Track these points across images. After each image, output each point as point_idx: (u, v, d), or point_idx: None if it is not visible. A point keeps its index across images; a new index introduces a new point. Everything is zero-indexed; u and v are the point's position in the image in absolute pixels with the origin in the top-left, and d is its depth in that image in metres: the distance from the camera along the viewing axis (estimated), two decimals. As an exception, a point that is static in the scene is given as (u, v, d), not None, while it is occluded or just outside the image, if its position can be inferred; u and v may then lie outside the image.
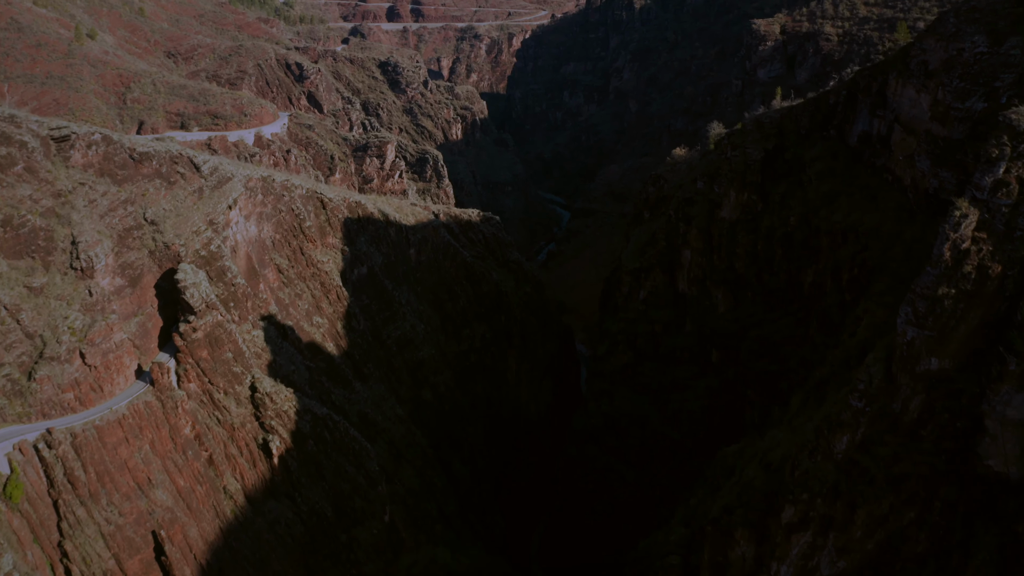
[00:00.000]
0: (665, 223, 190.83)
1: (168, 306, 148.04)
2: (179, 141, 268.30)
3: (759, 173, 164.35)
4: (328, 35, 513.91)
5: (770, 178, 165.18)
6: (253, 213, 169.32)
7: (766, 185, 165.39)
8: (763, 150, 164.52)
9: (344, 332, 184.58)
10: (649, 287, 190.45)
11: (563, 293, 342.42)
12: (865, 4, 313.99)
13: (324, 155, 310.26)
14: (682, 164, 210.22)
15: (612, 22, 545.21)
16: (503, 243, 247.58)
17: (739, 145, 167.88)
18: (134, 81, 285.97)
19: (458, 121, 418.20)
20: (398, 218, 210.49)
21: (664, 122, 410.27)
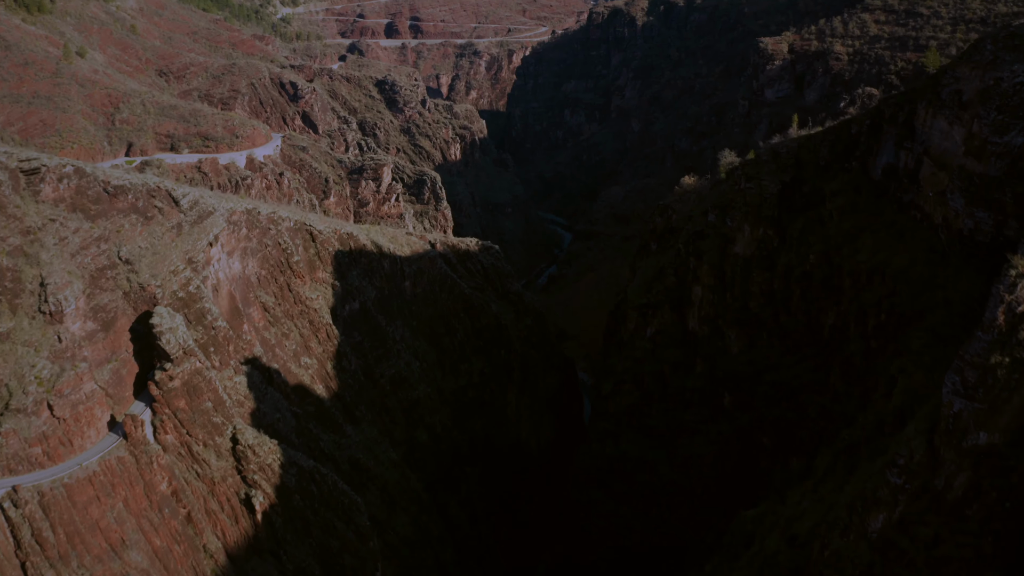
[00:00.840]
0: (674, 257, 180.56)
1: (144, 351, 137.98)
2: (169, 164, 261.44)
3: (775, 207, 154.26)
4: (325, 52, 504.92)
5: (787, 212, 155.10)
6: (237, 248, 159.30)
7: (783, 220, 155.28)
8: (780, 182, 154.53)
9: (334, 373, 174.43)
10: (657, 324, 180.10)
11: (565, 319, 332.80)
12: (876, 22, 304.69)
13: (318, 178, 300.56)
14: (691, 194, 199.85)
15: (614, 39, 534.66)
16: (503, 273, 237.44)
17: (754, 176, 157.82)
18: (123, 101, 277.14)
19: (457, 141, 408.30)
20: (392, 249, 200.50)
21: (668, 142, 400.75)
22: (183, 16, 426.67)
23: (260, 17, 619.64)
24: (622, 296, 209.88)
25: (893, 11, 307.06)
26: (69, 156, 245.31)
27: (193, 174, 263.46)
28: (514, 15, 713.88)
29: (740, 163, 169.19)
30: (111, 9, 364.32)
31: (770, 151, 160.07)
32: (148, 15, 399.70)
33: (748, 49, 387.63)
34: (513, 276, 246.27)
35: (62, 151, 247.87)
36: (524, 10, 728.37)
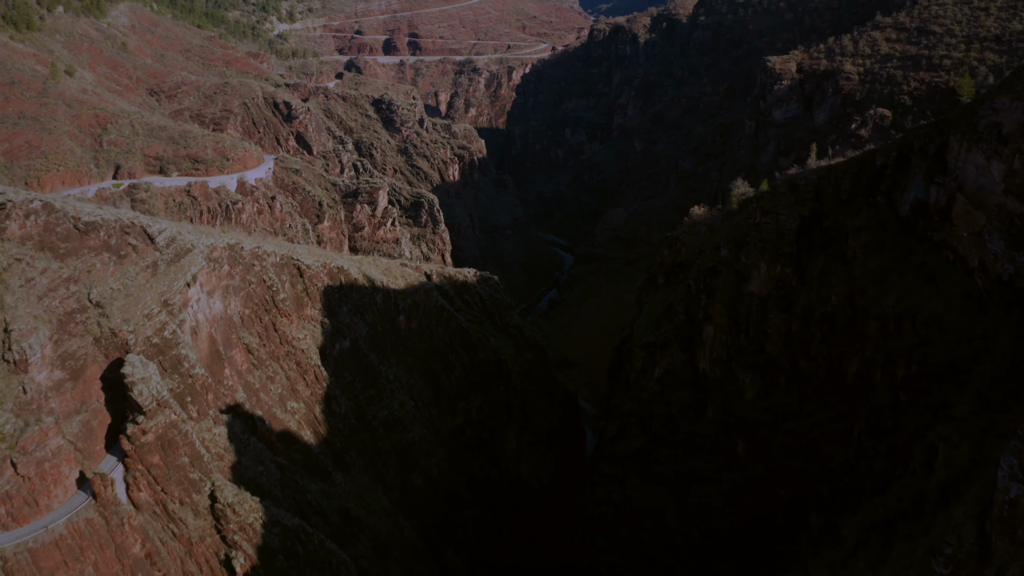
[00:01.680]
0: (684, 294, 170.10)
1: (117, 400, 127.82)
2: (157, 187, 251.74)
3: (794, 243, 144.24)
4: (321, 70, 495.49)
5: (806, 249, 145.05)
6: (218, 287, 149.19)
7: (802, 257, 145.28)
8: (798, 216, 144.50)
9: (323, 417, 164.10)
10: (665, 365, 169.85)
11: (566, 346, 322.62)
12: (887, 41, 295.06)
13: (312, 202, 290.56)
14: (701, 225, 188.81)
15: (615, 57, 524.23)
16: (502, 305, 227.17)
17: (770, 210, 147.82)
18: (111, 122, 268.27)
19: (455, 161, 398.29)
20: (386, 282, 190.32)
21: (671, 162, 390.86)
22: (176, 33, 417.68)
23: (256, 34, 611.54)
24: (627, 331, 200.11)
25: (904, 29, 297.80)
26: (55, 179, 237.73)
27: (182, 198, 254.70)
28: (514, 32, 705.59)
29: (755, 195, 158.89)
30: (102, 26, 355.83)
31: (787, 183, 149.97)
32: (140, 32, 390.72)
33: (753, 67, 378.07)
34: (512, 308, 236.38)
35: (47, 173, 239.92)
36: (524, 26, 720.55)
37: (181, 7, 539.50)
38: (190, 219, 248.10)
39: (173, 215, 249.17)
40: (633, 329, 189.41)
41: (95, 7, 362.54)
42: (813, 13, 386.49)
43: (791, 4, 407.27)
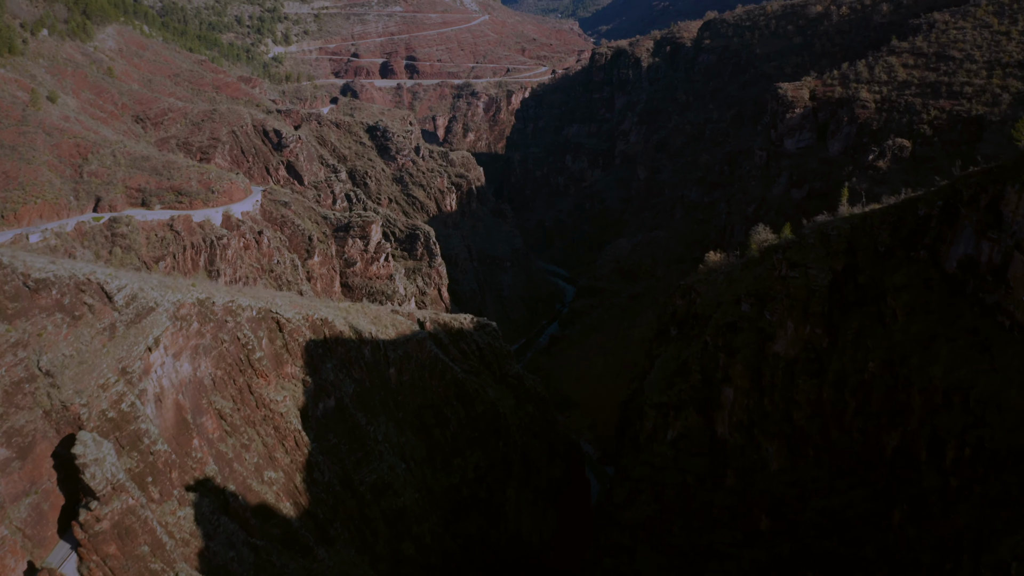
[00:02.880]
0: (700, 350, 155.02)
1: (71, 479, 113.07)
2: (139, 221, 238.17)
3: (826, 301, 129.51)
4: (316, 94, 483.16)
5: (839, 308, 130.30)
6: (186, 348, 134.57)
7: (834, 316, 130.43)
8: (830, 271, 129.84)
9: (304, 487, 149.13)
10: (679, 428, 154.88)
11: (568, 385, 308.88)
12: (904, 67, 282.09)
13: (301, 236, 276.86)
14: (718, 273, 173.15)
15: (617, 81, 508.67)
16: (501, 354, 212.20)
17: (798, 263, 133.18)
18: (92, 151, 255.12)
19: (453, 191, 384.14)
20: (375, 332, 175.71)
21: (676, 191, 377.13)
22: (165, 57, 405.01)
23: (251, 56, 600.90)
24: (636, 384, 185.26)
25: (922, 54, 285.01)
26: (32, 212, 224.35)
27: (165, 232, 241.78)
28: (513, 55, 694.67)
29: (780, 244, 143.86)
30: (88, 50, 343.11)
31: (817, 232, 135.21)
32: (128, 56, 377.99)
33: (761, 93, 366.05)
34: (512, 356, 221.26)
35: (24, 206, 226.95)
36: (523, 49, 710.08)
37: (174, 30, 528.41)
38: (172, 255, 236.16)
39: (155, 250, 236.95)
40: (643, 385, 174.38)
41: (81, 30, 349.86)
42: (823, 37, 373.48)
43: (799, 27, 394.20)
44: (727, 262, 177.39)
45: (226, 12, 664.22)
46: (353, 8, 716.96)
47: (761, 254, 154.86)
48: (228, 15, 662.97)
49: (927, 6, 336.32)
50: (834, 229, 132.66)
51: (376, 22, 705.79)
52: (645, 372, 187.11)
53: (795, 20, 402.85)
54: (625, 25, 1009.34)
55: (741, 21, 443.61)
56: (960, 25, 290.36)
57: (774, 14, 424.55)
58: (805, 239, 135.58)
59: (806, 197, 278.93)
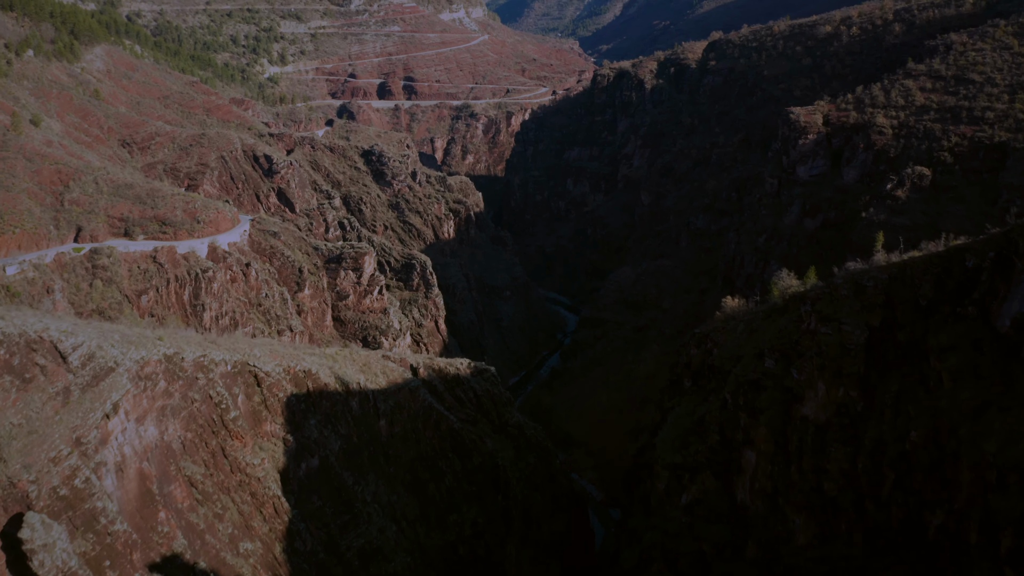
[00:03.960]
0: (719, 408, 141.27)
1: (21, 560, 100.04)
2: (121, 252, 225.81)
3: (862, 362, 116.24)
4: (311, 116, 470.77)
5: (876, 368, 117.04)
6: (151, 410, 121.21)
7: (871, 377, 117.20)
8: (866, 327, 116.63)
9: (284, 557, 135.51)
10: (695, 492, 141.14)
11: (570, 421, 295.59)
12: (922, 90, 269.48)
13: (291, 268, 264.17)
14: (737, 322, 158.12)
15: (620, 104, 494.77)
16: (500, 401, 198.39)
17: (830, 317, 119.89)
18: (74, 178, 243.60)
19: (450, 217, 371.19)
20: (363, 382, 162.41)
21: (682, 218, 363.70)
22: (155, 79, 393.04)
23: (246, 77, 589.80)
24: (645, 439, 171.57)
25: (940, 77, 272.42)
26: (10, 242, 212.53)
27: (147, 265, 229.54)
28: (513, 75, 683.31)
29: (809, 294, 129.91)
30: (75, 71, 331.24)
31: (850, 282, 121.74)
32: (116, 78, 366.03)
33: (770, 116, 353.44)
34: (512, 404, 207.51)
35: (2, 236, 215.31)
36: (523, 69, 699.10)
37: (167, 50, 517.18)
38: (156, 288, 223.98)
39: (138, 284, 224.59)
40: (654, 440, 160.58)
41: (68, 51, 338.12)
42: (833, 58, 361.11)
43: (808, 48, 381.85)
44: (746, 309, 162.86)
45: (221, 32, 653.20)
46: (350, 28, 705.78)
47: (785, 303, 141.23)
48: (223, 35, 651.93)
49: (941, 27, 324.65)
50: (870, 279, 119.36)
51: (374, 42, 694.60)
52: (656, 425, 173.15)
53: (804, 41, 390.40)
54: (626, 44, 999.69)
55: (747, 42, 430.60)
56: (979, 47, 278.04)
57: (782, 34, 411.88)
58: (837, 290, 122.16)
59: (820, 227, 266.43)
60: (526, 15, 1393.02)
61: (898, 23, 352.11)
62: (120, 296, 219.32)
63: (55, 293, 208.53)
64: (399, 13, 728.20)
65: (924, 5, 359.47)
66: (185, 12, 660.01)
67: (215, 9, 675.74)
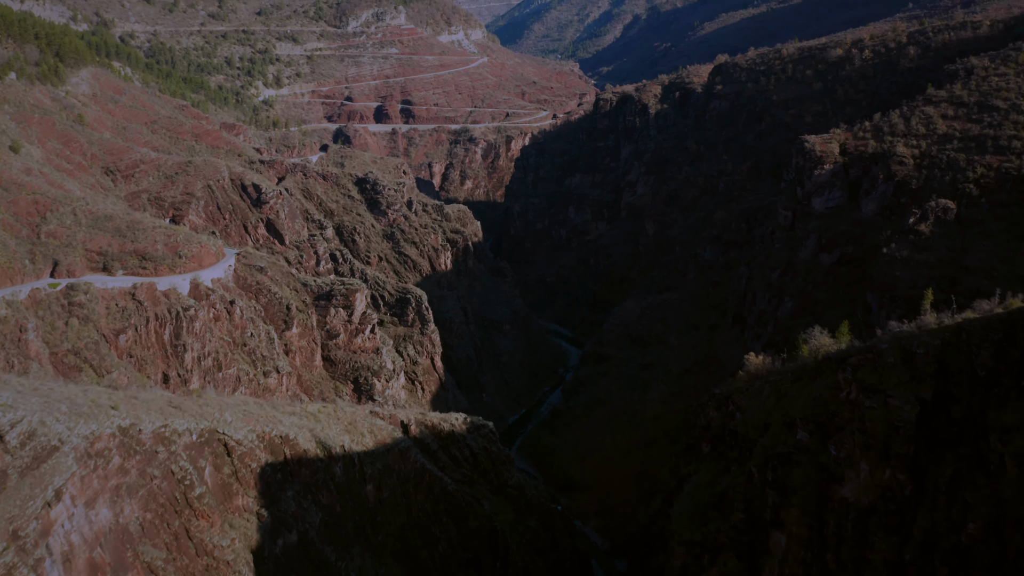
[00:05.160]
0: (743, 483, 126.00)
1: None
2: (98, 289, 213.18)
3: (911, 440, 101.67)
4: (304, 142, 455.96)
5: (928, 447, 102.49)
6: (104, 491, 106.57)
7: (921, 458, 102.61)
8: (916, 401, 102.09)
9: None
10: (715, 574, 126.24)
11: (572, 464, 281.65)
12: (943, 118, 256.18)
13: (278, 305, 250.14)
14: (763, 383, 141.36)
15: (623, 129, 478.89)
16: (499, 459, 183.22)
17: (875, 388, 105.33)
18: (52, 209, 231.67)
19: (447, 248, 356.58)
20: (348, 444, 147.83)
21: (688, 249, 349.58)
22: (143, 102, 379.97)
23: (240, 100, 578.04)
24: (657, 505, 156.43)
25: (962, 104, 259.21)
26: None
27: (126, 302, 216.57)
28: (512, 98, 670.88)
29: (849, 359, 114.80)
30: (59, 95, 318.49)
31: (897, 347, 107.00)
32: (102, 102, 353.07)
33: (779, 143, 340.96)
34: (512, 462, 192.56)
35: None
36: (523, 93, 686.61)
37: (158, 72, 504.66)
38: (135, 327, 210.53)
39: (116, 322, 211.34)
40: (669, 510, 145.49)
41: (53, 74, 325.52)
42: (845, 82, 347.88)
43: (819, 72, 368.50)
44: (772, 368, 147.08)
45: (216, 53, 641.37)
46: (347, 50, 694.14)
47: (818, 364, 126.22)
48: (218, 56, 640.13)
49: (958, 50, 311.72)
50: (920, 345, 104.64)
51: (371, 64, 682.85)
52: (670, 491, 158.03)
53: (814, 64, 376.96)
54: (626, 66, 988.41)
55: (755, 65, 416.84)
56: (1002, 71, 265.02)
57: (790, 58, 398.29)
58: (882, 356, 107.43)
59: (837, 262, 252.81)
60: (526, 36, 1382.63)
61: (912, 46, 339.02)
62: (97, 335, 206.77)
63: (29, 332, 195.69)
64: (397, 35, 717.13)
65: (939, 28, 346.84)
66: (179, 33, 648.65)
67: (210, 30, 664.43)
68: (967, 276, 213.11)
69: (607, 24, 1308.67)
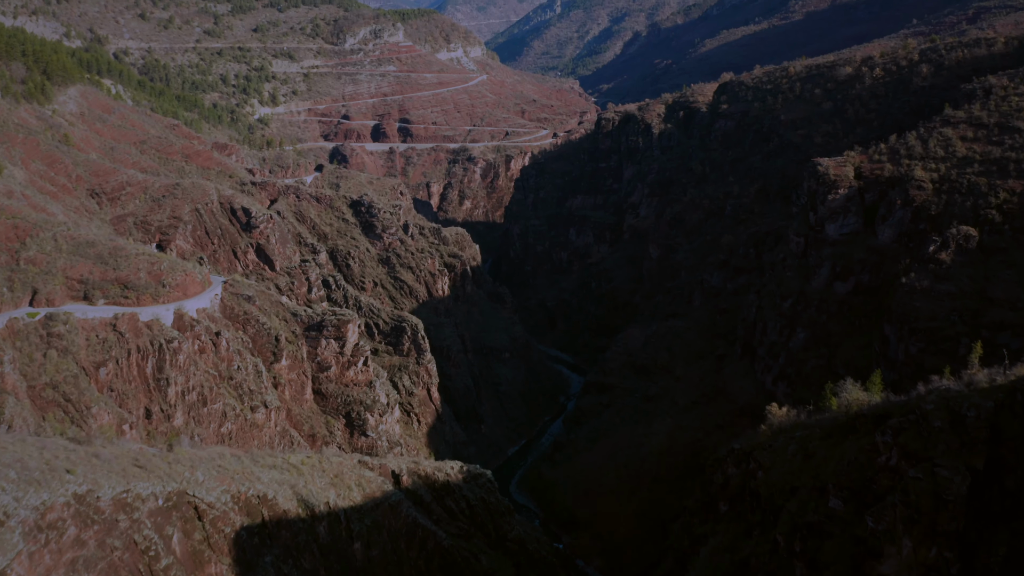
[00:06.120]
0: (768, 552, 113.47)
1: None
2: (78, 319, 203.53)
3: (961, 515, 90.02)
4: (298, 162, 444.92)
5: (977, 521, 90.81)
6: (58, 566, 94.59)
7: (970, 533, 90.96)
8: (967, 471, 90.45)
9: None
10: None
11: (574, 500, 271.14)
12: (963, 140, 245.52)
13: (267, 336, 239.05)
14: (787, 438, 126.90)
15: (626, 149, 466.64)
16: (497, 511, 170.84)
17: (919, 455, 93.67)
18: (32, 235, 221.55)
19: (445, 273, 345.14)
20: (333, 500, 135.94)
21: (694, 274, 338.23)
22: (132, 122, 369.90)
23: (235, 118, 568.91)
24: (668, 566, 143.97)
25: (982, 125, 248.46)
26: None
27: (107, 333, 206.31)
28: (512, 116, 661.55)
29: (890, 419, 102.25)
30: (46, 114, 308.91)
31: (944, 408, 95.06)
32: (90, 121, 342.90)
33: (788, 165, 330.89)
34: (512, 513, 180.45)
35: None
36: (523, 111, 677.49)
37: (151, 90, 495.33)
38: (116, 360, 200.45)
39: (96, 355, 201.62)
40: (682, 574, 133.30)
41: (39, 92, 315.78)
42: (856, 101, 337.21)
43: (828, 91, 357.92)
44: (798, 422, 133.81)
45: (211, 71, 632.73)
46: (345, 67, 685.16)
47: (851, 420, 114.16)
48: (213, 74, 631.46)
49: (973, 68, 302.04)
50: (971, 408, 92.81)
51: (368, 82, 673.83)
52: (684, 554, 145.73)
53: (823, 83, 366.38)
54: (627, 84, 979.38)
55: (761, 84, 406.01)
56: (1022, 91, 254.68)
57: (798, 76, 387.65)
58: (928, 419, 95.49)
59: (852, 292, 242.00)
60: (525, 54, 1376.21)
61: (925, 64, 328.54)
62: (76, 368, 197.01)
63: (5, 365, 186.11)
64: (395, 53, 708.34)
65: (952, 45, 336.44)
66: (174, 50, 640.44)
67: (205, 47, 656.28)
68: (991, 308, 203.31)
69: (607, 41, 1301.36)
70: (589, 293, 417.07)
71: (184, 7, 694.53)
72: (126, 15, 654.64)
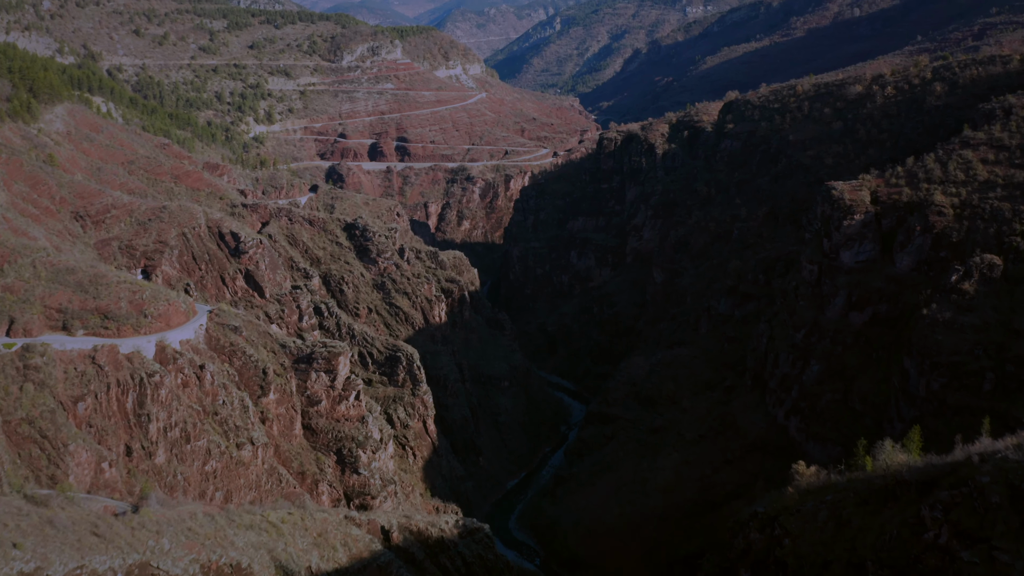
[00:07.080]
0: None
1: None
2: (56, 351, 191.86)
3: (1026, 606, 78.26)
4: (292, 182, 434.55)
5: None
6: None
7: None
8: (1033, 556, 78.72)
9: None
10: None
11: (576, 539, 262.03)
12: (984, 163, 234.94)
13: (254, 369, 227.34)
14: (818, 503, 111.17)
15: (628, 170, 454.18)
16: (495, 569, 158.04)
17: (974, 535, 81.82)
18: (10, 261, 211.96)
19: (442, 299, 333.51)
20: (316, 564, 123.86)
21: (701, 301, 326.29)
22: (121, 141, 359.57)
23: (230, 136, 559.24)
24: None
25: (1004, 147, 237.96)
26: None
27: (86, 366, 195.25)
28: (511, 135, 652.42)
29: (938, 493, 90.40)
30: (31, 133, 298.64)
31: (1000, 479, 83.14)
32: (77, 140, 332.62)
33: (798, 187, 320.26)
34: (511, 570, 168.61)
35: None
36: (523, 129, 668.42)
37: (144, 108, 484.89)
38: (94, 394, 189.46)
39: (74, 388, 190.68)
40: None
41: (24, 110, 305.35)
42: (867, 122, 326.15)
43: (838, 111, 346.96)
44: (828, 483, 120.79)
45: (206, 88, 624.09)
46: (341, 85, 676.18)
47: (891, 486, 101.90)
48: (208, 91, 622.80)
49: (988, 87, 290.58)
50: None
51: (366, 100, 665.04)
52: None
53: (832, 102, 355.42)
54: (627, 101, 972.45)
55: (768, 102, 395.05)
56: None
57: (806, 95, 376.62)
58: (983, 493, 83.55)
59: (869, 323, 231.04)
60: (525, 71, 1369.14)
61: (938, 82, 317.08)
62: (54, 403, 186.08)
63: None
64: (393, 70, 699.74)
65: (965, 63, 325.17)
66: (168, 67, 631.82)
67: (200, 64, 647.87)
68: (1017, 341, 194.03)
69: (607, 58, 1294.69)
70: (591, 318, 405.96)
71: (179, 23, 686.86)
72: (120, 31, 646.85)
